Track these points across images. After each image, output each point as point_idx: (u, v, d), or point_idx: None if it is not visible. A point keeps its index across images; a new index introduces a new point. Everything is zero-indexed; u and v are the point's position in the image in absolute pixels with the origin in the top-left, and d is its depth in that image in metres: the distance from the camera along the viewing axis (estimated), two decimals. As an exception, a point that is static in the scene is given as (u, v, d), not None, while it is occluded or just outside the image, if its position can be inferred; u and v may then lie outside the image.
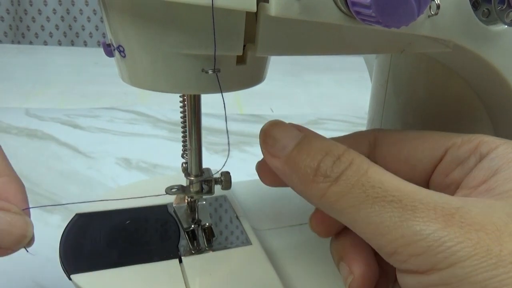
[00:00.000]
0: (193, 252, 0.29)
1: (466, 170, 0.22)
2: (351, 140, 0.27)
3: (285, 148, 0.22)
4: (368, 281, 0.23)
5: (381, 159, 0.25)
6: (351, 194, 0.20)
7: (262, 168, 0.26)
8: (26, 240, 0.23)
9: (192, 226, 0.31)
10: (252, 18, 0.20)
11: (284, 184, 0.25)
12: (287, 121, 0.24)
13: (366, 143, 0.26)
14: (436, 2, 0.20)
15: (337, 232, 0.25)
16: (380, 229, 0.19)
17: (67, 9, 1.49)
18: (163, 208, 0.34)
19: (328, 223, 0.25)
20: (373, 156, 0.26)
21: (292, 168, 0.22)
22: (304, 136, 0.22)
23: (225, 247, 0.30)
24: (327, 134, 0.24)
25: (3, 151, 0.25)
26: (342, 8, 0.19)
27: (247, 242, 0.31)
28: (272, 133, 0.23)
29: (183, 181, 0.31)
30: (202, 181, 0.31)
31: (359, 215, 0.19)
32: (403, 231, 0.18)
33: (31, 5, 1.45)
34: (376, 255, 0.24)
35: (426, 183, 0.24)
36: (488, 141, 0.22)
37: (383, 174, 0.20)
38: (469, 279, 0.17)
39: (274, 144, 0.23)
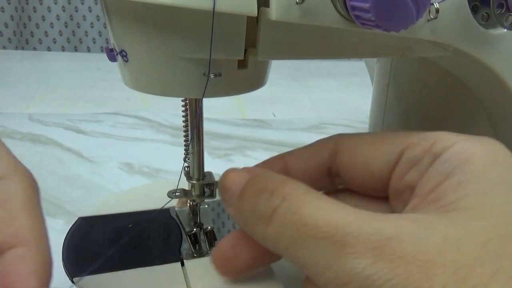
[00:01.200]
0: (195, 255, 0.29)
1: (421, 172, 0.20)
2: (312, 151, 0.25)
3: (234, 196, 0.22)
4: None
5: (342, 167, 0.24)
6: (286, 234, 0.19)
7: (217, 256, 0.25)
8: None
9: (194, 229, 0.31)
10: (253, 23, 0.21)
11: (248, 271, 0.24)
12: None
13: (326, 152, 0.24)
14: (435, 6, 0.21)
15: (244, 272, 0.23)
16: (318, 270, 0.18)
17: (71, 15, 1.50)
18: (165, 211, 0.34)
19: (232, 260, 0.23)
20: (334, 164, 0.24)
21: (240, 214, 0.22)
22: (248, 179, 0.22)
23: (227, 251, 0.30)
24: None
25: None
26: (342, 12, 0.19)
27: (249, 245, 0.31)
28: (223, 183, 0.23)
29: (185, 185, 0.31)
30: (204, 185, 0.31)
31: (297, 255, 0.19)
32: (336, 271, 0.17)
33: (35, 11, 1.46)
34: None
35: (386, 189, 0.23)
36: (445, 138, 0.20)
37: (317, 206, 0.19)
38: None
39: (226, 193, 0.23)
